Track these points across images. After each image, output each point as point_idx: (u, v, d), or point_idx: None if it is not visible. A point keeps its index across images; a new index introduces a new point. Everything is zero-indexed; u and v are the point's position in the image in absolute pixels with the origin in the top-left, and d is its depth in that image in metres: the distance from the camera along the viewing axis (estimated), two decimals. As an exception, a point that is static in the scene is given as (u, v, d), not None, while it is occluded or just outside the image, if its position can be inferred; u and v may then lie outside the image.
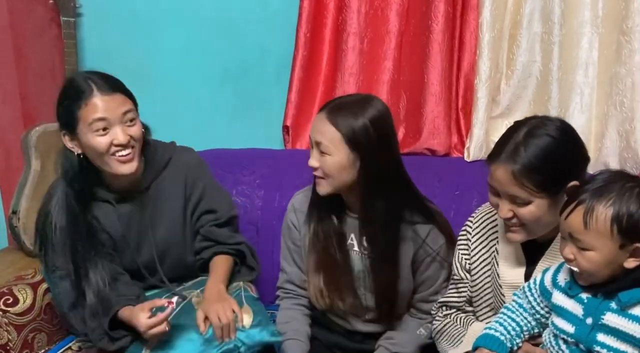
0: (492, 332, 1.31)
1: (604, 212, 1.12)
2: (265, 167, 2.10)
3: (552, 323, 1.25)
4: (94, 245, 1.60)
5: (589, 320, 1.17)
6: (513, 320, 1.32)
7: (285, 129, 2.23)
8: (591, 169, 2.03)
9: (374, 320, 1.66)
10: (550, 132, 1.31)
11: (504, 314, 1.34)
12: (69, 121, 1.54)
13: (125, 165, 1.55)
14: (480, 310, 1.53)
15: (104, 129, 1.52)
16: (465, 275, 1.54)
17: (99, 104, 1.51)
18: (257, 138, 2.26)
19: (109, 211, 1.64)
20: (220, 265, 1.69)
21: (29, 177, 2.12)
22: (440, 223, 1.62)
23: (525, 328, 1.32)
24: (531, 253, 1.42)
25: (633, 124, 1.96)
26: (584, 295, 1.20)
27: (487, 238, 1.51)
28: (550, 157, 1.29)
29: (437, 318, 1.58)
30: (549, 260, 1.38)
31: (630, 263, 1.14)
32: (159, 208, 1.66)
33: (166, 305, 1.47)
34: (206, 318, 1.51)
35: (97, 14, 2.28)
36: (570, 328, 1.20)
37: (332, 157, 1.50)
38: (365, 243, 1.60)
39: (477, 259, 1.51)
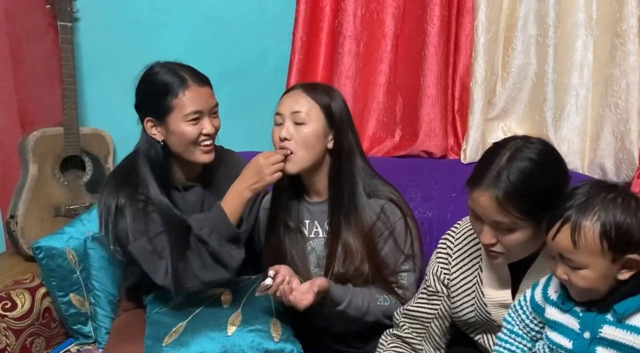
0: None
1: (592, 228, 1.09)
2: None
3: (547, 337, 1.22)
4: (172, 224, 1.59)
5: (587, 334, 1.15)
6: (512, 351, 1.30)
7: (283, 131, 2.24)
8: (587, 171, 2.07)
9: None
10: (532, 155, 1.26)
11: (500, 346, 1.32)
12: (160, 110, 1.57)
13: (207, 155, 1.61)
14: (463, 326, 1.51)
15: (196, 119, 1.57)
16: (441, 288, 1.49)
17: (196, 96, 1.57)
18: (254, 141, 2.26)
19: (178, 198, 1.67)
20: None
21: (27, 181, 2.13)
22: (398, 201, 1.60)
23: None
24: (517, 270, 1.38)
25: (628, 125, 1.97)
26: (578, 309, 1.17)
27: (469, 255, 1.46)
28: (533, 181, 1.25)
29: (396, 322, 1.53)
30: (534, 275, 1.35)
31: (624, 274, 1.11)
32: (215, 202, 1.66)
33: None
34: None
35: (94, 19, 2.29)
36: (567, 343, 1.17)
37: (308, 125, 1.54)
38: (328, 227, 1.59)
39: (458, 276, 1.47)
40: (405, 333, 1.52)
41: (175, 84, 1.56)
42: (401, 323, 1.53)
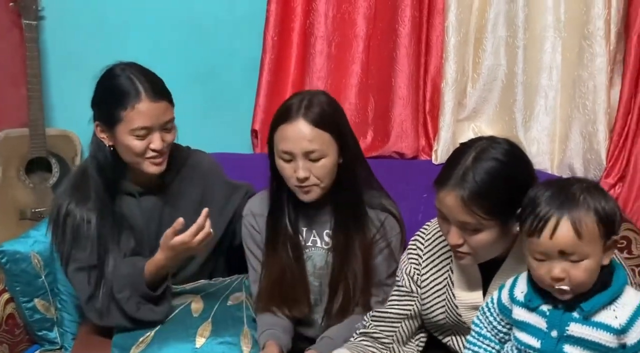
0: None
1: (589, 216, 1.10)
2: (233, 170, 2.07)
3: (515, 338, 1.22)
4: (119, 238, 1.58)
5: (554, 333, 1.16)
6: None
7: (254, 132, 2.22)
8: (556, 171, 2.10)
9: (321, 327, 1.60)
10: (498, 155, 1.27)
11: (469, 349, 1.32)
12: (109, 118, 1.53)
13: (155, 167, 1.56)
14: (432, 328, 1.50)
15: (143, 135, 1.52)
16: (415, 288, 1.47)
17: (146, 112, 1.50)
18: (225, 142, 2.23)
19: (132, 204, 1.62)
20: None
21: (-9, 183, 2.08)
22: (398, 216, 1.59)
23: None
24: (487, 271, 1.38)
25: (595, 125, 2.00)
26: (545, 308, 1.18)
27: (439, 256, 1.46)
28: (499, 181, 1.25)
29: (363, 322, 1.51)
30: (504, 276, 1.35)
31: (605, 259, 1.14)
32: (178, 206, 1.65)
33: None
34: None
35: (61, 17, 2.23)
36: (536, 342, 1.18)
37: (328, 158, 1.47)
38: (327, 238, 1.56)
39: (429, 277, 1.46)
40: (373, 331, 1.51)
41: (128, 95, 1.50)
42: (369, 325, 1.51)
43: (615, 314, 1.13)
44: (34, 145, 2.13)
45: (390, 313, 1.51)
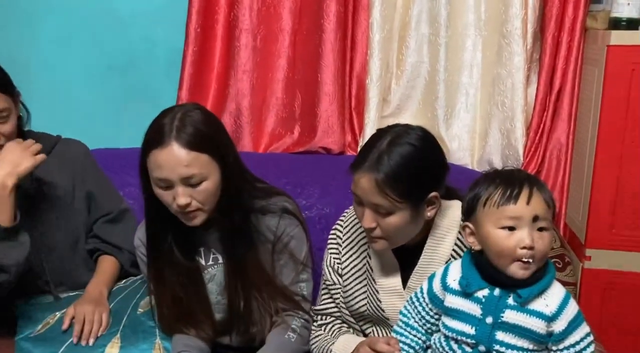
0: None
1: (547, 193, 1.18)
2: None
3: (446, 326, 1.24)
4: None
5: (489, 319, 1.19)
6: (407, 344, 1.31)
7: (176, 127, 2.15)
8: (476, 166, 2.15)
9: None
10: (412, 141, 1.31)
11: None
12: None
13: None
14: (356, 318, 1.51)
15: None
16: (337, 279, 1.50)
17: None
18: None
19: None
20: (106, 266, 1.61)
21: None
22: (292, 209, 1.53)
23: (418, 348, 1.31)
24: (404, 258, 1.42)
25: (513, 122, 2.07)
26: (481, 294, 1.21)
27: (357, 243, 1.49)
28: (412, 165, 1.30)
29: (313, 328, 1.52)
30: (425, 265, 1.39)
31: None
32: (46, 195, 1.55)
33: None
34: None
35: (-36, 1, 2.08)
36: (470, 329, 1.20)
37: (210, 180, 1.36)
38: (224, 252, 1.48)
39: (349, 265, 1.49)
40: (323, 322, 1.51)
41: None
42: (319, 322, 1.52)
43: (546, 303, 1.17)
44: None
45: (330, 308, 1.52)
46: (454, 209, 1.39)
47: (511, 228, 1.16)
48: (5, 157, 1.42)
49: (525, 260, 1.15)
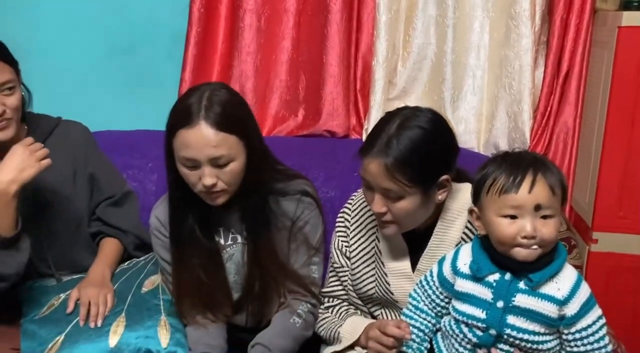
0: (402, 348, 1.29)
1: (554, 177, 1.15)
2: (157, 149, 1.96)
3: (457, 310, 1.24)
4: None
5: (500, 304, 1.18)
6: (417, 328, 1.30)
7: (179, 109, 2.13)
8: (482, 150, 2.14)
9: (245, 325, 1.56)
10: (421, 123, 1.29)
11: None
12: None
13: (0, 133, 1.46)
14: (364, 300, 1.50)
15: None
16: (345, 262, 1.50)
17: None
18: (148, 119, 2.12)
19: None
20: (109, 248, 1.60)
21: None
22: (311, 192, 1.53)
23: (427, 331, 1.31)
24: (413, 242, 1.41)
25: (520, 105, 2.05)
26: (492, 278, 1.20)
27: (366, 226, 1.47)
28: (422, 149, 1.27)
29: (320, 310, 1.52)
30: (434, 248, 1.38)
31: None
32: (46, 179, 1.53)
33: None
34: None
35: (-37, -20, 2.05)
36: (480, 313, 1.20)
37: (236, 161, 1.36)
38: (246, 233, 1.48)
39: (357, 247, 1.48)
40: (335, 304, 1.51)
41: None
42: (327, 305, 1.52)
43: (558, 286, 1.17)
44: None
45: (337, 291, 1.52)
46: (464, 192, 1.37)
47: (513, 217, 1.14)
48: (10, 162, 1.39)
49: (529, 247, 1.14)
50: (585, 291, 1.18)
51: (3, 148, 1.48)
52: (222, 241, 1.49)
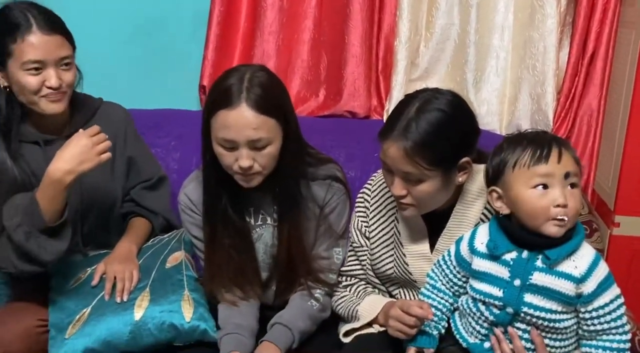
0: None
1: (573, 152, 1.18)
2: (180, 128, 2.01)
3: (474, 289, 1.25)
4: (21, 187, 1.46)
5: (517, 282, 1.18)
6: (435, 307, 1.31)
7: (202, 88, 2.15)
8: (504, 132, 2.12)
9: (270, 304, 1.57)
10: (441, 106, 1.27)
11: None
12: (0, 54, 1.44)
13: (53, 105, 1.48)
14: (383, 279, 1.51)
15: (37, 69, 1.44)
16: (365, 242, 1.50)
17: (37, 44, 1.43)
18: (171, 98, 2.15)
19: (36, 153, 1.52)
20: (138, 227, 1.63)
21: None
22: (341, 177, 1.53)
23: (445, 310, 1.32)
24: (432, 222, 1.40)
25: (544, 87, 2.03)
26: (509, 257, 1.20)
27: (385, 207, 1.47)
28: (442, 132, 1.26)
29: (338, 290, 1.53)
30: (453, 229, 1.38)
31: None
32: None
33: None
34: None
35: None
36: (498, 292, 1.20)
37: (274, 144, 1.36)
38: (276, 215, 1.49)
39: (376, 228, 1.48)
40: (353, 283, 1.52)
41: (19, 27, 1.43)
42: (345, 283, 1.53)
43: (575, 264, 1.17)
44: None
45: (353, 268, 1.52)
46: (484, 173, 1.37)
47: (545, 187, 1.15)
48: (71, 151, 1.37)
49: (560, 217, 1.14)
50: (603, 269, 1.17)
51: (50, 120, 1.51)
52: (252, 221, 1.51)
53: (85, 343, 1.38)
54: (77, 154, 1.37)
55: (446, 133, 1.27)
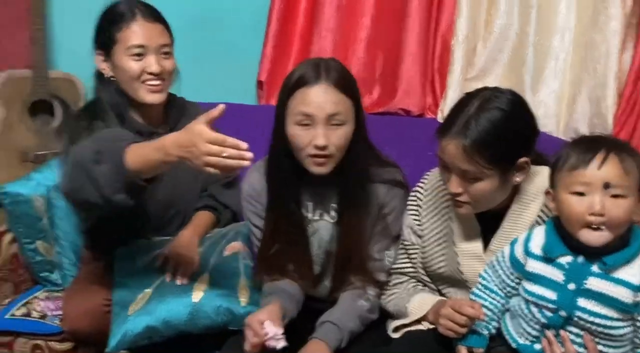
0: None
1: (631, 159, 1.14)
2: (237, 122, 2.06)
3: (527, 291, 1.24)
4: None
5: (572, 286, 1.18)
6: (486, 307, 1.31)
7: (260, 84, 2.20)
8: (561, 134, 2.09)
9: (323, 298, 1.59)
10: (501, 105, 1.27)
11: (474, 301, 1.33)
12: (106, 41, 1.57)
13: (153, 95, 1.56)
14: (434, 278, 1.51)
15: (139, 55, 1.54)
16: (416, 240, 1.50)
17: (140, 30, 1.54)
18: (228, 92, 2.20)
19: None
20: (203, 220, 1.69)
21: (-6, 124, 2.06)
22: (404, 182, 1.55)
23: (496, 310, 1.32)
24: (485, 222, 1.40)
25: (605, 90, 1.99)
26: (564, 260, 1.20)
27: (439, 205, 1.47)
28: (501, 131, 1.26)
29: (387, 287, 1.53)
30: (508, 229, 1.37)
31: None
32: None
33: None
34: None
35: (65, -43, 2.17)
36: (551, 295, 1.20)
37: (348, 125, 1.40)
38: (334, 212, 1.52)
39: (429, 226, 1.48)
40: (403, 281, 1.53)
41: (124, 16, 1.55)
42: (395, 281, 1.54)
43: (634, 271, 1.15)
44: (37, 88, 2.10)
45: (404, 266, 1.53)
46: (541, 175, 1.35)
47: (581, 194, 1.13)
48: (188, 140, 1.24)
49: (595, 226, 1.13)
50: (662, 278, 1.15)
51: (149, 112, 1.59)
52: (309, 215, 1.54)
53: (147, 322, 1.44)
54: (189, 145, 1.23)
55: (505, 132, 1.27)
